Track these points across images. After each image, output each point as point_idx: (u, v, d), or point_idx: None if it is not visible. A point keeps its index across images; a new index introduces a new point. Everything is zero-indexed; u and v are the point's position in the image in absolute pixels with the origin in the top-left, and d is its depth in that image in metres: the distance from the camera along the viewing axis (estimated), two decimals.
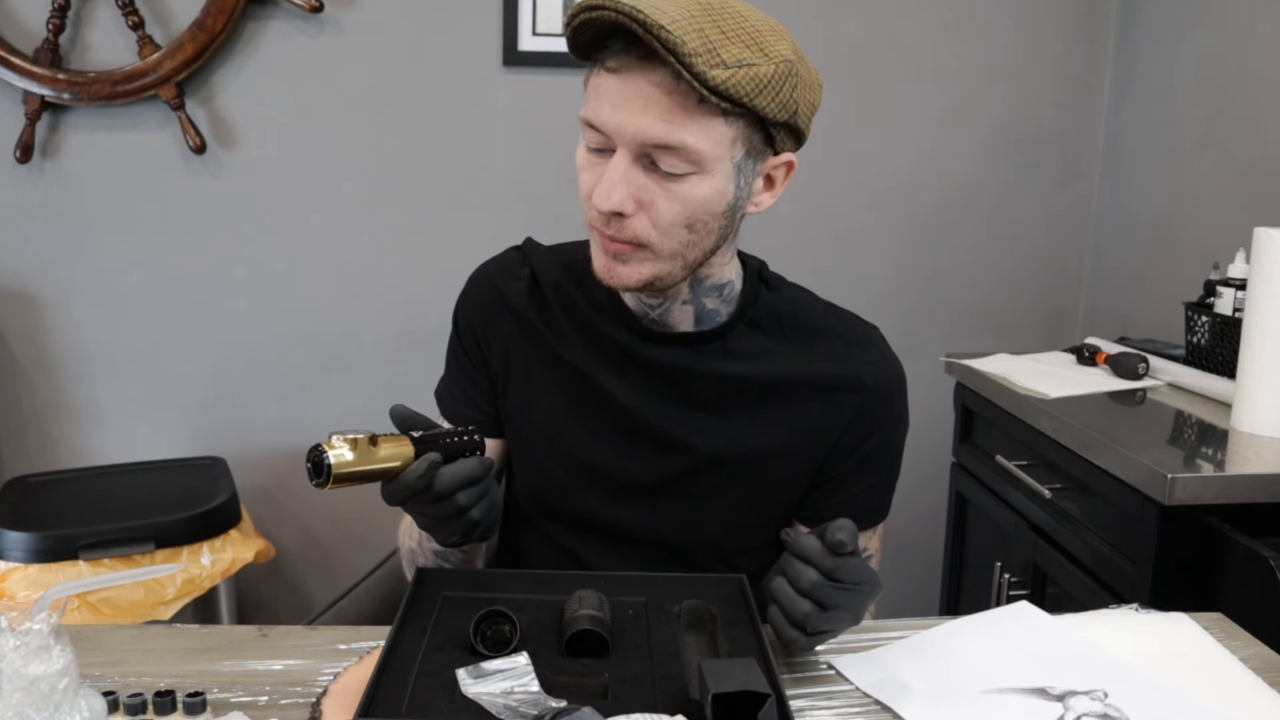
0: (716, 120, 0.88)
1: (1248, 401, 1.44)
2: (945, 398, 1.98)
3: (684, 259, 0.95)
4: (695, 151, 0.88)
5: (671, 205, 0.91)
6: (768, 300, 1.06)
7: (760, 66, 0.87)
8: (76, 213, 2.18)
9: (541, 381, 1.07)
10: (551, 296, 1.07)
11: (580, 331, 1.06)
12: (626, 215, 0.91)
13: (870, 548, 1.11)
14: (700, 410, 1.04)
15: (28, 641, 0.68)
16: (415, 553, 1.09)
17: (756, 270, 1.08)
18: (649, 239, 0.92)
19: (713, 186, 0.91)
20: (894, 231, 2.34)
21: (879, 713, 0.83)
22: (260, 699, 0.83)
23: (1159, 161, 2.15)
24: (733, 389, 1.04)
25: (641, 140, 0.88)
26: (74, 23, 2.09)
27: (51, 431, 2.27)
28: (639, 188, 0.90)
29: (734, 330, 1.04)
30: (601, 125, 0.89)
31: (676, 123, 0.87)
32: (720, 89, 0.85)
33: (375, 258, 2.24)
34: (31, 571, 1.79)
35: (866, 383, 1.06)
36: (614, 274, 0.95)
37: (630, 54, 0.87)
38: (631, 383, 1.04)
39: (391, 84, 2.18)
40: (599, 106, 0.89)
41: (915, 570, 2.39)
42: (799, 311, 1.07)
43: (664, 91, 0.87)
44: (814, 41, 2.25)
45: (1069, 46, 2.30)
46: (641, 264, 0.94)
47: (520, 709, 0.74)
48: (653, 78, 0.87)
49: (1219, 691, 0.85)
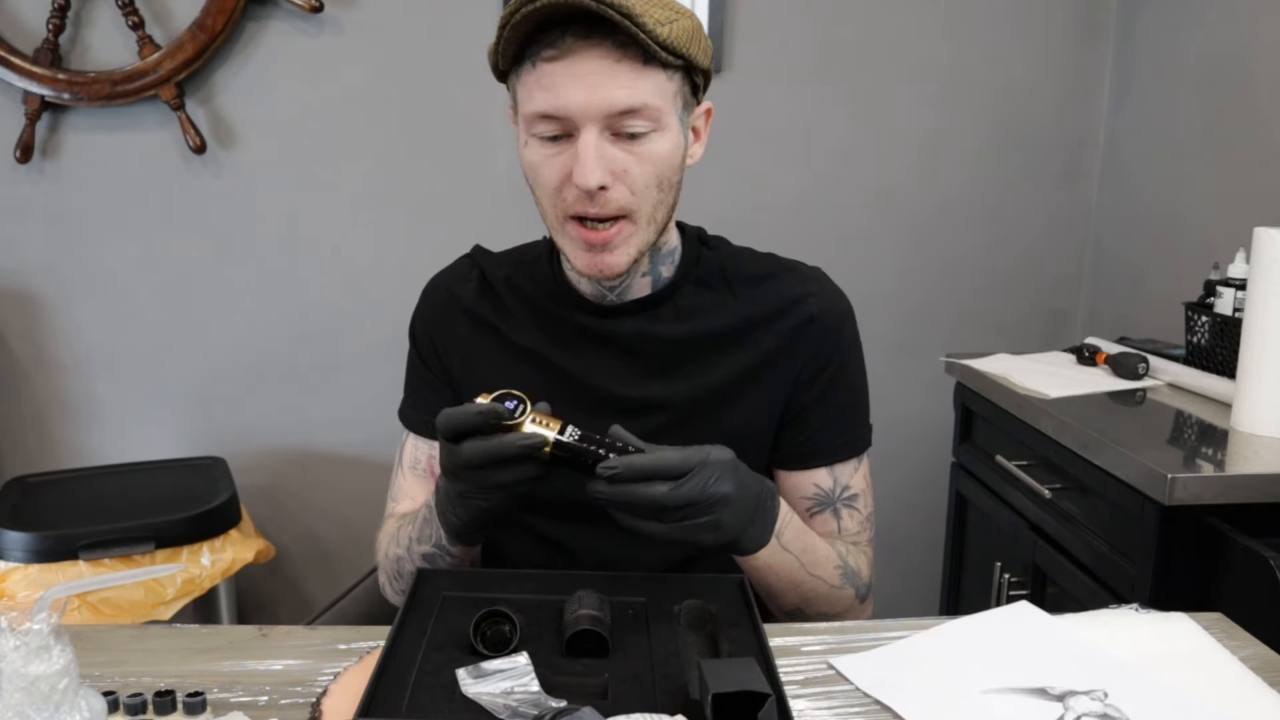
0: (661, 76, 0.95)
1: (1248, 401, 1.44)
2: (945, 398, 1.98)
3: (656, 221, 1.00)
4: (654, 108, 0.94)
5: (643, 167, 0.96)
6: (710, 259, 1.10)
7: (683, 20, 0.95)
8: (76, 213, 2.18)
9: (503, 371, 1.09)
10: (502, 290, 1.11)
11: (534, 318, 1.09)
12: (607, 188, 0.95)
13: (855, 485, 1.12)
14: (661, 373, 1.06)
15: (28, 641, 0.68)
16: (402, 559, 1.07)
17: (695, 234, 1.12)
18: (630, 206, 0.97)
19: (670, 141, 0.97)
20: (894, 232, 2.34)
21: (879, 713, 0.83)
22: (260, 699, 0.83)
23: (1159, 161, 2.15)
24: (689, 347, 1.07)
25: (609, 110, 0.92)
26: (74, 23, 2.09)
27: (51, 431, 2.27)
28: (612, 159, 0.95)
29: (681, 289, 1.07)
30: (562, 109, 0.93)
31: (634, 85, 0.93)
32: (667, 43, 0.92)
33: (375, 257, 2.24)
34: (31, 571, 1.79)
35: (813, 313, 1.08)
36: (602, 265, 0.98)
37: (569, 36, 0.91)
38: (590, 358, 1.07)
39: (391, 84, 2.18)
40: (553, 95, 0.93)
41: (915, 570, 2.39)
42: (741, 264, 1.11)
43: (614, 60, 0.92)
44: (814, 42, 2.25)
45: (1069, 46, 2.30)
46: (626, 243, 0.98)
47: (520, 709, 0.74)
48: (598, 51, 0.91)
49: (1219, 691, 0.85)
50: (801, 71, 2.25)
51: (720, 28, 2.19)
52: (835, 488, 1.12)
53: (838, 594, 1.06)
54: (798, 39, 2.24)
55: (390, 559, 1.10)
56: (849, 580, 1.07)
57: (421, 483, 1.16)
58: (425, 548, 1.04)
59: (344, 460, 2.27)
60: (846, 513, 1.12)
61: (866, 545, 1.15)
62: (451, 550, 1.02)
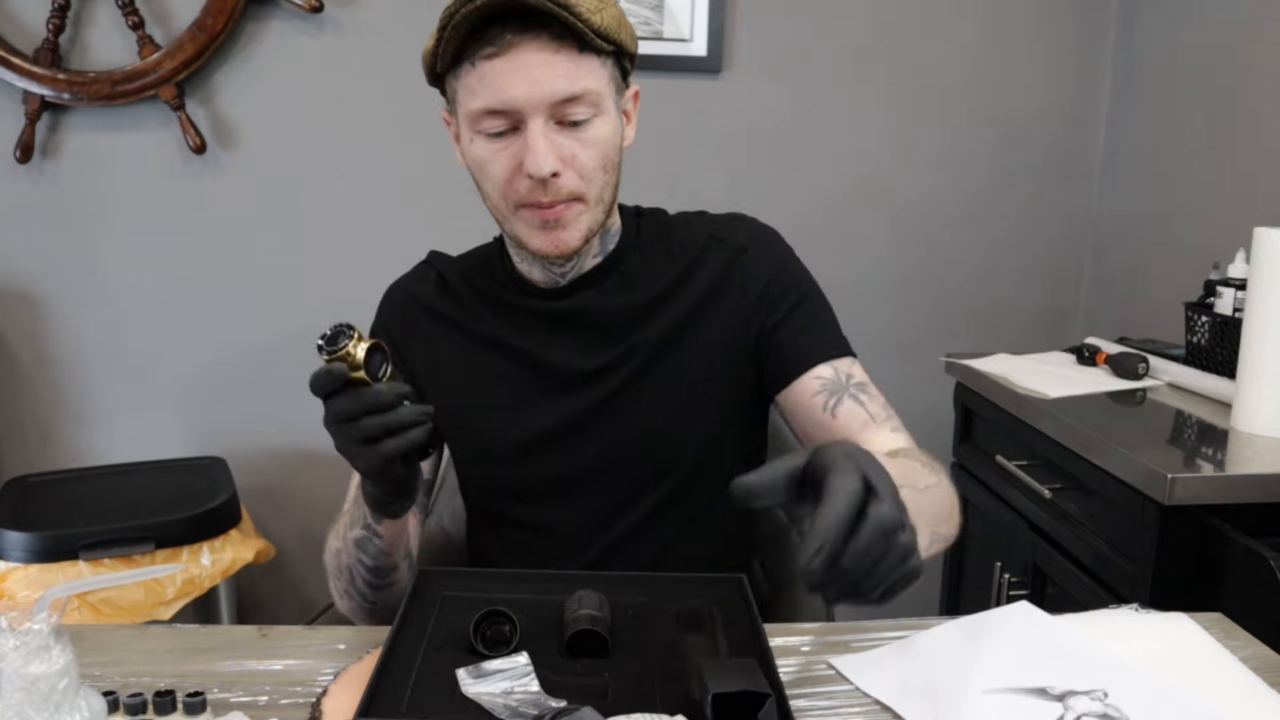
0: (595, 62, 0.99)
1: (1248, 401, 1.44)
2: (945, 398, 1.98)
3: (603, 202, 1.03)
4: (595, 93, 0.98)
5: (589, 152, 1.00)
6: (647, 228, 1.15)
7: (610, 7, 0.99)
8: (76, 213, 2.18)
9: (466, 363, 1.12)
10: (459, 286, 1.15)
11: (491, 308, 1.12)
12: (559, 175, 0.98)
13: (857, 374, 1.09)
14: (615, 339, 1.09)
15: (28, 641, 0.68)
16: (339, 552, 1.06)
17: (632, 210, 1.16)
18: (580, 190, 1.00)
19: (610, 124, 1.02)
20: (893, 231, 2.34)
21: (879, 713, 0.83)
22: (260, 699, 0.83)
23: (1159, 161, 2.15)
24: (638, 311, 1.09)
25: (552, 99, 0.96)
26: (74, 23, 2.09)
27: (51, 431, 2.27)
28: (559, 146, 0.98)
29: (625, 259, 1.11)
30: (507, 103, 0.96)
31: (574, 73, 0.96)
32: (601, 30, 0.96)
33: (375, 257, 2.24)
34: (31, 571, 1.79)
35: (744, 244, 1.12)
36: (557, 241, 1.02)
37: (506, 33, 0.94)
38: (547, 338, 1.10)
39: (391, 84, 2.18)
40: (497, 89, 0.96)
41: None
42: (674, 228, 1.15)
43: (552, 51, 0.95)
44: (813, 42, 2.25)
45: (1069, 46, 2.30)
46: (578, 219, 1.01)
47: (520, 709, 0.74)
48: (536, 44, 0.95)
49: (1219, 691, 0.85)
50: (800, 71, 2.25)
51: (720, 28, 2.19)
52: (838, 375, 1.07)
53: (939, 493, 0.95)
54: (797, 39, 2.24)
55: (331, 554, 1.09)
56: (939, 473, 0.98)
57: None
58: (356, 532, 1.03)
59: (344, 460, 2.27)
60: (865, 397, 1.06)
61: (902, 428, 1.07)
62: (378, 530, 1.01)
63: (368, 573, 1.04)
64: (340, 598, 1.10)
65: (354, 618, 1.10)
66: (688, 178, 2.26)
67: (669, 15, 2.17)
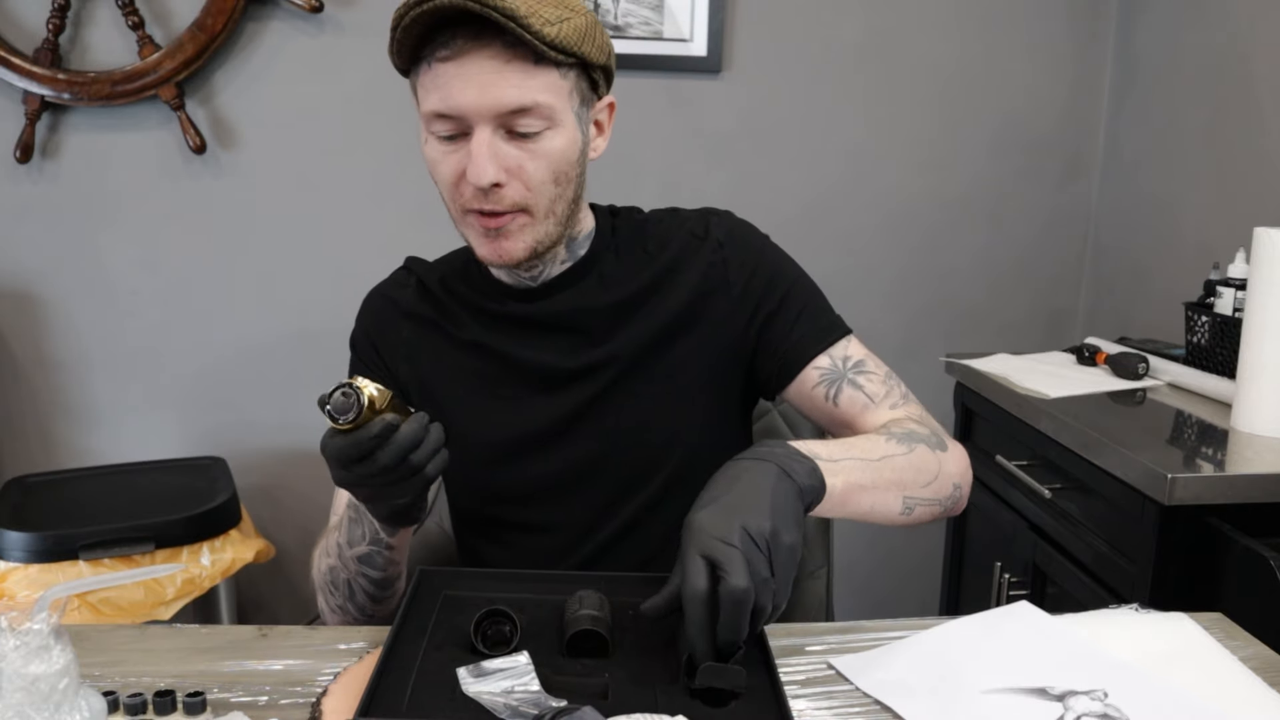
0: (554, 74, 0.97)
1: (1248, 401, 1.44)
2: (945, 398, 1.98)
3: (555, 215, 1.02)
4: (547, 106, 0.96)
5: (537, 164, 0.98)
6: (623, 227, 1.13)
7: (575, 19, 0.96)
8: (76, 213, 2.18)
9: (447, 368, 1.12)
10: (439, 291, 1.14)
11: (471, 313, 1.12)
12: (501, 185, 0.97)
13: (855, 353, 1.09)
14: (597, 340, 1.09)
15: (28, 641, 0.68)
16: (335, 569, 1.05)
17: (606, 209, 1.15)
18: (525, 201, 0.99)
19: (565, 137, 0.99)
20: (893, 231, 2.34)
21: (879, 713, 0.83)
22: (260, 699, 0.83)
23: (1159, 161, 2.15)
24: (618, 310, 1.09)
25: (499, 109, 0.95)
26: (74, 23, 2.09)
27: (51, 431, 2.27)
28: (504, 156, 0.97)
29: (601, 260, 1.10)
30: (455, 109, 0.95)
31: (524, 85, 0.95)
32: (556, 43, 0.94)
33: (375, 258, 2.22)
34: (31, 571, 1.79)
35: (720, 239, 1.11)
36: (500, 250, 1.01)
37: (459, 38, 0.93)
38: (528, 340, 1.09)
39: (391, 84, 2.16)
40: (446, 94, 0.95)
41: (915, 570, 2.39)
42: (648, 225, 1.14)
43: (504, 60, 0.94)
44: (814, 42, 2.25)
45: (1069, 46, 2.30)
46: (522, 231, 1.00)
47: (520, 709, 0.74)
48: (488, 52, 0.93)
49: (1219, 691, 0.85)
50: (800, 71, 2.25)
51: (720, 28, 2.19)
52: (836, 361, 1.08)
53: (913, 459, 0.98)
54: (797, 40, 2.24)
55: (323, 571, 1.07)
56: (910, 440, 1.00)
57: None
58: (359, 549, 1.02)
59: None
60: (863, 379, 1.08)
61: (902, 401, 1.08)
62: (390, 541, 1.00)
63: (372, 585, 1.04)
64: (333, 612, 1.09)
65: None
66: (688, 178, 2.26)
67: (669, 15, 2.18)
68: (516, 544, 1.12)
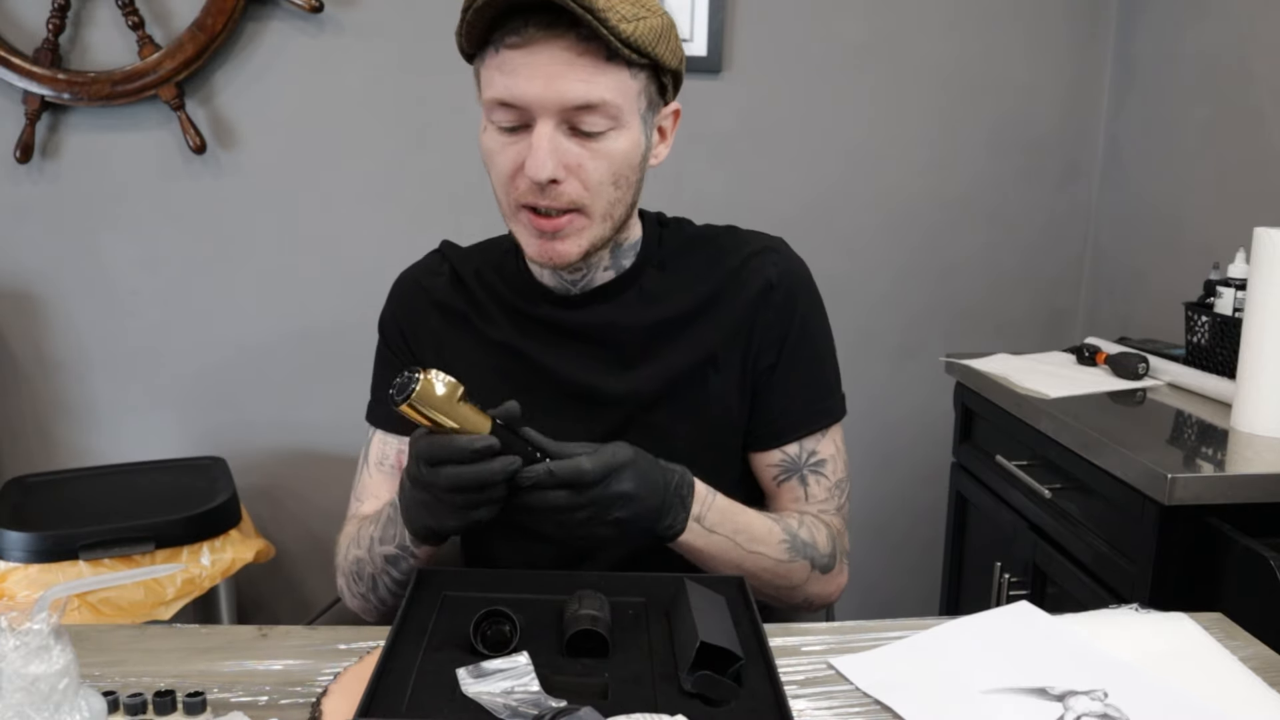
0: (624, 73, 0.94)
1: (1248, 401, 1.44)
2: (945, 398, 1.98)
3: (612, 218, 0.99)
4: (614, 105, 0.93)
5: (598, 164, 0.95)
6: (670, 241, 1.10)
7: (651, 19, 0.93)
8: (76, 213, 2.18)
9: (476, 365, 1.09)
10: (473, 284, 1.11)
11: (505, 312, 1.09)
12: (559, 182, 0.94)
13: (822, 451, 1.11)
14: (631, 363, 1.06)
15: (28, 641, 0.68)
16: (363, 561, 1.05)
17: (654, 218, 1.12)
18: (582, 201, 0.96)
19: (630, 139, 0.97)
20: (894, 232, 2.34)
21: (879, 713, 0.83)
22: (260, 699, 0.83)
23: (1159, 161, 2.15)
24: (656, 332, 1.06)
25: (565, 104, 0.92)
26: (74, 23, 2.09)
27: (51, 431, 2.27)
28: (565, 153, 0.94)
29: (644, 274, 1.07)
30: (519, 99, 0.92)
31: (594, 81, 0.92)
32: (630, 41, 0.91)
33: (375, 257, 2.24)
34: (31, 571, 1.79)
35: (773, 281, 1.08)
36: (552, 252, 0.98)
37: (532, 26, 0.90)
38: (561, 350, 1.07)
39: (391, 84, 2.18)
40: (512, 83, 0.92)
41: (915, 570, 2.39)
42: (700, 241, 1.11)
43: (576, 53, 0.91)
44: (814, 42, 2.25)
45: (1069, 46, 2.30)
46: (579, 234, 0.98)
47: (520, 709, 0.74)
48: (560, 44, 0.90)
49: (1219, 691, 0.85)
50: (800, 71, 2.25)
51: (720, 28, 2.19)
52: (801, 454, 1.10)
53: (786, 567, 1.04)
54: (797, 40, 2.24)
55: (350, 560, 1.08)
56: (800, 553, 1.05)
57: (388, 480, 1.15)
58: (388, 549, 1.02)
59: (344, 460, 2.26)
60: (813, 479, 1.11)
61: (835, 514, 1.12)
62: (416, 552, 1.01)
63: (395, 585, 1.04)
64: (354, 598, 1.09)
65: (365, 616, 1.10)
66: (689, 178, 2.26)
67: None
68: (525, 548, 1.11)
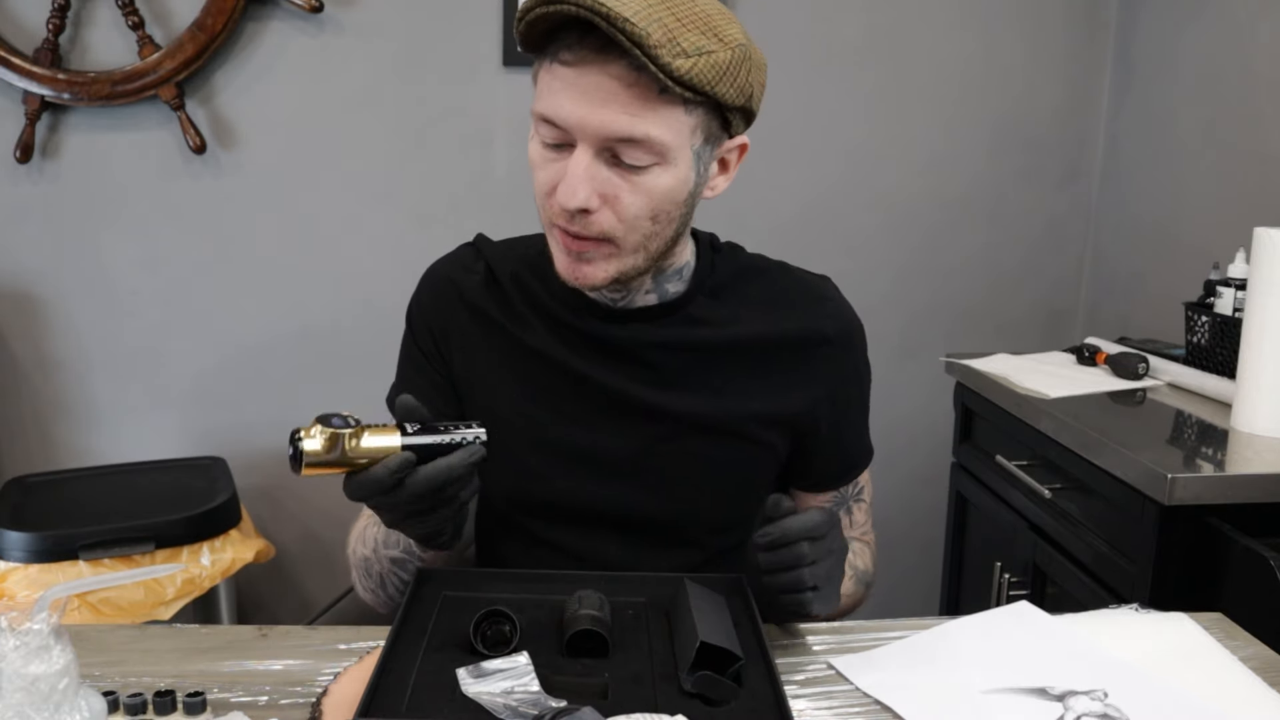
0: (678, 110, 0.88)
1: (1248, 401, 1.44)
2: (945, 398, 1.98)
3: (646, 251, 0.95)
4: (659, 143, 0.88)
5: (636, 198, 0.91)
6: (722, 268, 1.07)
7: (718, 53, 0.87)
8: (76, 213, 2.18)
9: (506, 371, 1.06)
10: (509, 287, 1.07)
11: (541, 319, 1.05)
12: (591, 211, 0.90)
13: (862, 480, 1.16)
14: (670, 382, 1.04)
15: (28, 641, 0.68)
16: (369, 560, 1.05)
17: (708, 242, 1.09)
18: (614, 233, 0.92)
19: (675, 176, 0.91)
20: (894, 232, 2.34)
21: (879, 713, 0.83)
22: (260, 699, 0.83)
23: (1159, 162, 2.15)
24: (700, 357, 1.04)
25: (605, 135, 0.87)
26: (74, 23, 2.09)
27: (51, 431, 2.27)
28: (602, 182, 0.90)
29: (693, 301, 1.05)
30: (561, 120, 0.88)
31: (639, 115, 0.86)
32: (684, 79, 0.85)
33: (375, 257, 2.24)
34: (31, 571, 1.79)
35: (829, 335, 1.07)
36: (579, 274, 0.95)
37: (586, 46, 0.86)
38: (600, 362, 1.03)
39: (391, 84, 2.18)
40: (557, 102, 0.88)
41: (915, 570, 2.39)
42: (752, 275, 1.08)
43: (625, 84, 0.86)
44: (813, 42, 2.25)
45: (1069, 47, 2.30)
46: (606, 261, 0.94)
47: (520, 709, 0.74)
48: (612, 70, 0.86)
49: (1219, 691, 0.85)
50: (800, 71, 2.25)
51: None
52: (849, 490, 1.15)
53: (852, 599, 1.12)
54: (797, 39, 2.24)
55: (358, 557, 1.07)
56: (860, 580, 1.12)
57: None
58: (394, 552, 1.02)
59: None
60: (856, 507, 1.15)
61: (869, 531, 1.18)
62: (423, 555, 1.00)
63: (403, 584, 1.04)
64: (365, 591, 1.09)
65: (378, 609, 1.10)
66: None
67: None
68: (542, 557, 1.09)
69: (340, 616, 1.27)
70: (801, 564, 0.87)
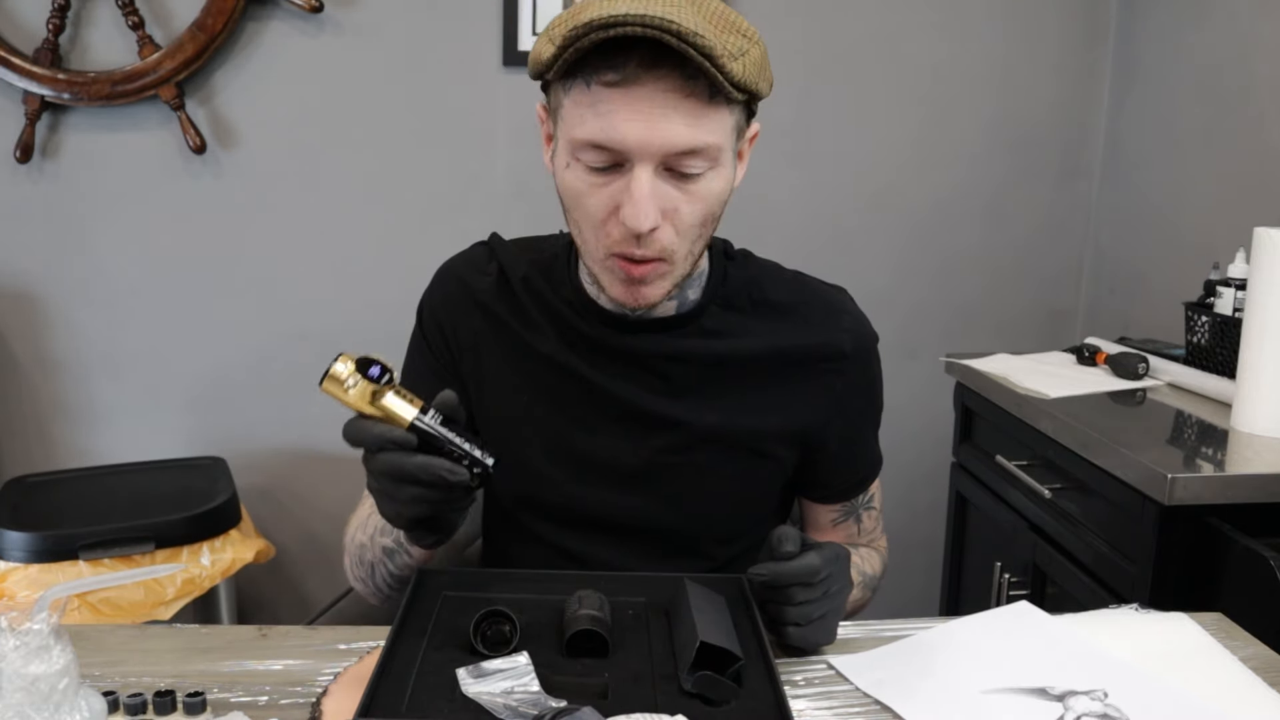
0: (724, 111, 0.89)
1: (1248, 401, 1.44)
2: (945, 398, 1.98)
3: (693, 256, 0.95)
4: (715, 148, 0.88)
5: (693, 207, 0.90)
6: (736, 278, 1.06)
7: (753, 50, 0.88)
8: (76, 213, 2.18)
9: (517, 375, 1.05)
10: (521, 290, 1.05)
11: (553, 325, 1.04)
12: (655, 230, 0.89)
13: (872, 489, 1.17)
14: (683, 392, 1.03)
15: (28, 641, 0.68)
16: (365, 547, 1.04)
17: (721, 249, 1.08)
18: (671, 247, 0.91)
19: (724, 179, 0.92)
20: (894, 232, 2.34)
21: (879, 713, 0.83)
22: (260, 699, 0.83)
23: (1159, 161, 2.15)
24: (712, 369, 1.03)
25: (669, 149, 0.86)
26: (74, 23, 2.09)
27: (51, 431, 2.27)
28: (664, 197, 0.89)
29: (707, 311, 1.04)
30: (617, 143, 0.86)
31: (699, 124, 0.86)
32: (739, 82, 0.86)
33: (375, 257, 2.24)
34: (31, 571, 1.79)
35: (845, 351, 1.06)
36: (639, 296, 0.94)
37: (632, 63, 0.84)
38: (611, 371, 1.03)
39: (391, 84, 2.18)
40: (609, 125, 0.85)
41: (915, 570, 2.39)
42: (768, 285, 1.07)
43: (681, 95, 0.85)
44: (813, 41, 2.25)
45: (1069, 46, 2.30)
46: (662, 279, 0.94)
47: (520, 709, 0.74)
48: (663, 84, 0.84)
49: (1219, 691, 0.85)
50: (802, 72, 2.25)
51: None
52: (860, 500, 1.16)
53: (857, 604, 1.13)
54: (796, 38, 2.24)
55: (355, 544, 1.07)
56: (868, 586, 1.14)
57: None
58: (387, 540, 1.02)
59: (344, 460, 2.26)
60: (866, 515, 1.16)
61: (880, 538, 1.20)
62: (410, 550, 1.00)
63: (391, 578, 1.04)
64: (355, 580, 1.09)
65: (367, 599, 1.10)
66: None
67: None
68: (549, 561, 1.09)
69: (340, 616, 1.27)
70: (790, 603, 0.88)
